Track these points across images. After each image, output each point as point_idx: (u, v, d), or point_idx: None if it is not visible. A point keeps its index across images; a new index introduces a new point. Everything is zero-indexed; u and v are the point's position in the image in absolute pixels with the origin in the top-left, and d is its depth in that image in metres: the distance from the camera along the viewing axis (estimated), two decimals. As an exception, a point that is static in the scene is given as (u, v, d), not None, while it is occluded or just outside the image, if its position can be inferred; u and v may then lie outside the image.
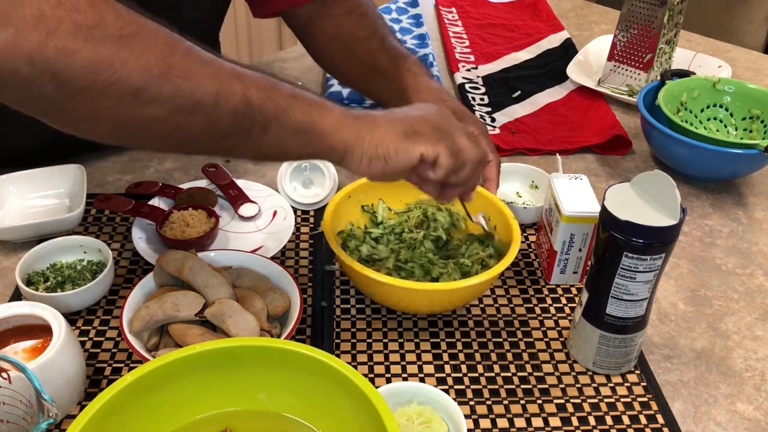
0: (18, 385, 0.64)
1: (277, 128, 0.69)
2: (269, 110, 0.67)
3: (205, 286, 0.79)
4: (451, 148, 0.74)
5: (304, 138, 0.70)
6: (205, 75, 0.64)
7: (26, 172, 1.00)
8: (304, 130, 0.70)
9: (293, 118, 0.69)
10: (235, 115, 0.66)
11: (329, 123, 0.71)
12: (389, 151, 0.72)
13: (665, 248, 0.74)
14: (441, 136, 0.74)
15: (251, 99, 0.66)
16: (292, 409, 0.69)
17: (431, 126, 0.74)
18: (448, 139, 0.74)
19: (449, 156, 0.74)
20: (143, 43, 0.61)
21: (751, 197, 1.14)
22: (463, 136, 0.76)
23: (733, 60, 1.51)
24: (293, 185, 1.06)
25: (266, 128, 0.68)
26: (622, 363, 0.82)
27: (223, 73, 0.65)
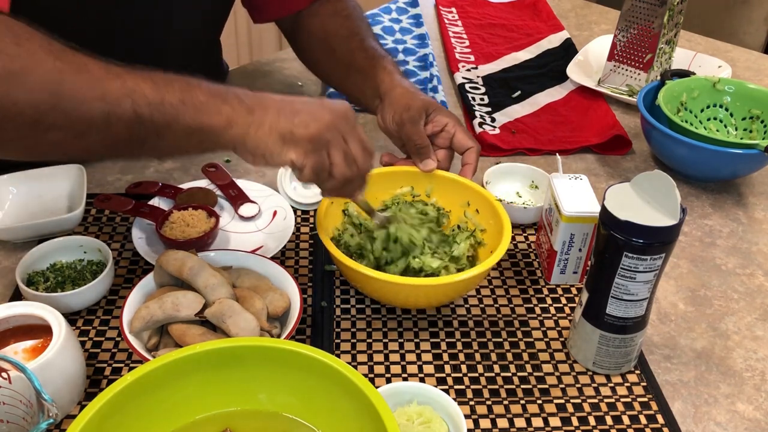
0: (18, 385, 0.64)
1: (170, 134, 0.72)
2: (159, 120, 0.71)
3: (205, 286, 0.79)
4: (318, 164, 0.78)
5: (197, 138, 0.74)
6: (94, 98, 0.68)
7: (26, 172, 1.00)
8: (196, 131, 0.73)
9: (183, 123, 0.72)
10: (128, 130, 0.70)
11: (218, 123, 0.74)
12: (266, 153, 0.76)
13: (665, 248, 0.74)
14: (314, 148, 0.77)
15: (141, 114, 0.70)
16: (292, 409, 0.69)
17: (311, 136, 0.76)
18: (320, 153, 0.77)
19: (312, 170, 0.78)
20: (30, 77, 0.65)
21: (751, 197, 1.14)
22: (339, 151, 0.79)
23: (733, 60, 1.51)
24: (293, 185, 1.06)
25: (160, 136, 0.72)
26: (622, 363, 0.82)
27: (111, 92, 0.69)
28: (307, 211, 1.05)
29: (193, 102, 0.73)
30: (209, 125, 0.73)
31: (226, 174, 1.07)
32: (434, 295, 0.85)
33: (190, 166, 1.13)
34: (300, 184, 1.06)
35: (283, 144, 0.75)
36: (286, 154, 0.76)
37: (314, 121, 0.77)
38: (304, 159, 0.76)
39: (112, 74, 0.70)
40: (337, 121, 0.79)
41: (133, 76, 0.71)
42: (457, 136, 1.01)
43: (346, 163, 0.80)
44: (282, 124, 0.75)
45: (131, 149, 0.74)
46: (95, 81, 0.68)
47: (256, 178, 1.10)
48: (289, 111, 0.76)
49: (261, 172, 1.12)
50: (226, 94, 0.75)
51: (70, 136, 0.69)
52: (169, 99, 0.71)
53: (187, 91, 0.73)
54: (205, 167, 1.08)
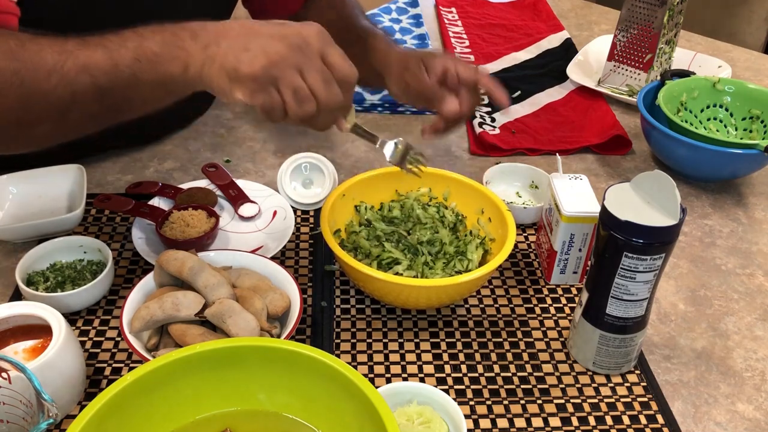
0: (18, 385, 0.64)
1: (135, 93, 0.74)
2: (120, 84, 0.73)
3: (205, 286, 0.79)
4: (268, 104, 0.74)
5: (163, 89, 0.75)
6: (55, 85, 0.71)
7: (26, 172, 1.00)
8: (159, 84, 0.74)
9: (144, 80, 0.73)
10: (98, 102, 0.73)
11: (176, 69, 0.74)
12: (218, 92, 0.75)
13: (665, 248, 0.74)
14: (260, 86, 0.72)
15: (101, 84, 0.72)
16: (292, 409, 0.69)
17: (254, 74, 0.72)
18: (267, 92, 0.73)
19: (262, 111, 0.75)
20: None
21: (751, 197, 1.14)
22: (288, 88, 0.73)
23: (733, 60, 1.51)
24: (293, 185, 1.06)
25: (128, 98, 0.74)
26: (622, 363, 0.82)
27: (69, 74, 0.71)
28: (307, 211, 1.05)
29: (147, 56, 0.73)
30: (167, 74, 0.73)
31: (226, 174, 1.07)
32: (436, 296, 0.85)
33: (190, 167, 1.13)
34: (300, 184, 1.06)
35: (230, 82, 0.73)
36: (234, 93, 0.73)
37: (262, 56, 0.72)
38: (252, 98, 0.73)
39: (65, 54, 0.72)
40: (290, 53, 0.73)
41: (86, 49, 0.72)
42: (460, 70, 0.97)
43: (296, 100, 0.73)
44: (229, 60, 0.72)
45: (110, 116, 0.77)
46: (51, 69, 0.71)
47: (256, 178, 1.10)
48: (240, 45, 0.73)
49: (261, 173, 1.12)
50: (182, 36, 0.74)
51: (53, 124, 0.73)
52: (123, 61, 0.72)
53: (139, 47, 0.73)
54: (205, 167, 1.08)
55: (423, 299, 0.86)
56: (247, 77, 0.72)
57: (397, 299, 0.86)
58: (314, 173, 1.06)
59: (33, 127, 0.72)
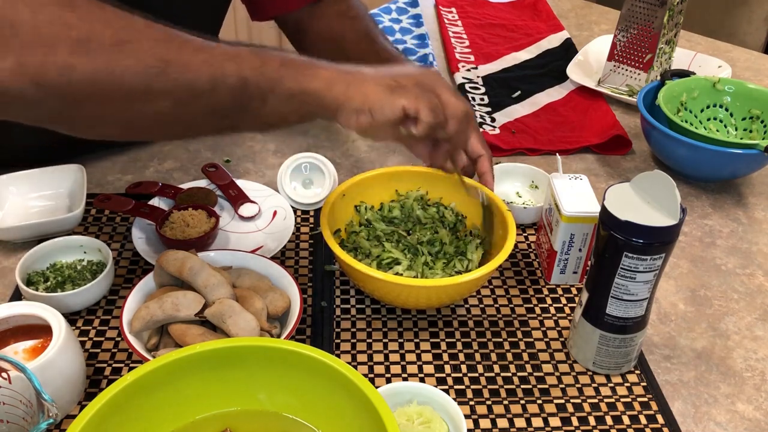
0: (18, 385, 0.64)
1: (273, 98, 0.73)
2: (264, 84, 0.71)
3: (205, 286, 0.79)
4: (432, 103, 0.77)
5: (299, 102, 0.74)
6: (199, 63, 0.68)
7: (26, 172, 1.00)
8: (298, 94, 0.73)
9: (286, 86, 0.73)
10: (233, 95, 0.70)
11: (319, 84, 0.74)
12: (374, 105, 0.75)
13: (665, 248, 0.74)
14: (423, 91, 0.77)
15: (246, 77, 0.70)
16: (292, 409, 0.69)
17: (414, 82, 0.77)
18: (430, 94, 0.78)
19: (430, 110, 0.77)
20: (138, 46, 0.65)
21: (751, 197, 1.14)
22: (447, 91, 0.80)
23: (733, 60, 1.51)
24: (293, 185, 1.06)
25: (264, 100, 0.72)
26: (622, 363, 0.82)
27: (216, 57, 0.69)
28: (307, 211, 1.05)
29: (293, 65, 0.74)
30: (311, 87, 0.74)
31: (226, 174, 1.07)
32: (436, 297, 0.85)
33: (190, 166, 1.13)
34: (300, 184, 1.06)
35: (391, 93, 0.75)
36: (397, 100, 0.75)
37: (412, 72, 0.79)
38: (417, 101, 0.76)
39: (210, 42, 0.70)
40: (428, 71, 0.82)
41: (231, 44, 0.72)
42: (472, 140, 0.97)
43: (456, 97, 0.80)
44: (383, 78, 0.76)
45: (233, 117, 0.74)
46: (198, 48, 0.69)
47: (256, 178, 1.10)
48: (383, 71, 0.78)
49: (261, 173, 1.12)
50: (320, 61, 0.76)
51: (174, 104, 0.69)
52: (270, 63, 0.72)
53: (283, 56, 0.74)
54: (205, 167, 1.08)
55: (423, 299, 0.86)
56: (410, 84, 0.77)
57: (397, 299, 0.86)
58: (314, 173, 1.06)
59: (156, 100, 0.67)
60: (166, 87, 0.67)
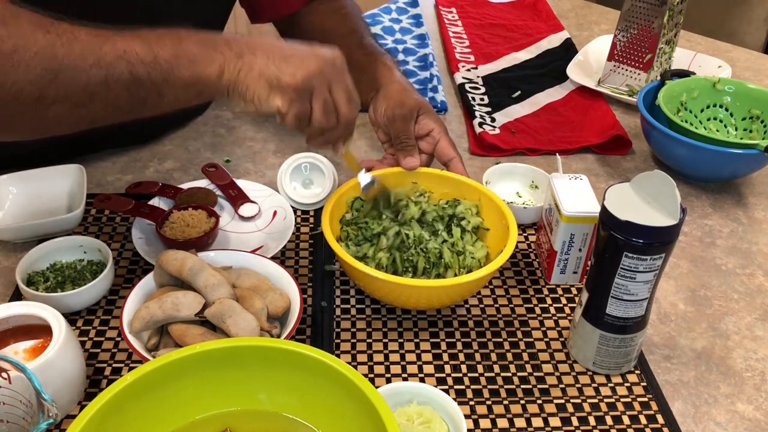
0: (18, 385, 0.64)
1: (169, 89, 0.74)
2: (157, 77, 0.73)
3: (205, 286, 0.79)
4: (301, 112, 0.79)
5: (195, 89, 0.76)
6: (90, 66, 0.69)
7: (26, 172, 1.00)
8: (193, 83, 0.75)
9: (180, 76, 0.74)
10: (128, 91, 0.72)
11: (212, 72, 0.75)
12: (254, 98, 0.78)
13: (665, 248, 0.74)
14: (299, 96, 0.78)
15: (138, 74, 0.71)
16: (292, 409, 0.69)
17: (296, 84, 0.78)
18: (303, 101, 0.79)
19: (294, 118, 0.80)
20: (25, 55, 0.66)
21: (751, 197, 1.14)
22: (320, 100, 0.80)
23: (733, 60, 1.51)
24: (293, 185, 1.06)
25: (160, 93, 0.74)
26: (622, 363, 0.82)
27: (105, 57, 0.70)
28: (307, 211, 1.05)
29: (186, 54, 0.74)
30: (204, 75, 0.75)
31: (226, 174, 1.07)
32: (437, 297, 0.85)
33: (190, 167, 1.13)
34: (300, 184, 1.06)
35: (270, 90, 0.77)
36: (273, 100, 0.78)
37: (302, 68, 0.78)
38: (289, 106, 0.78)
39: (102, 38, 0.71)
40: (324, 67, 0.80)
41: (123, 38, 0.72)
42: (441, 144, 1.01)
43: (324, 111, 0.81)
44: (270, 69, 0.77)
45: (133, 110, 0.75)
46: (88, 48, 0.69)
47: (256, 178, 1.10)
48: (278, 56, 0.78)
49: (261, 173, 1.12)
50: (216, 42, 0.77)
51: (72, 106, 0.70)
52: (162, 55, 0.73)
53: (178, 44, 0.74)
54: (205, 167, 1.08)
55: (424, 300, 0.86)
56: (290, 87, 0.77)
57: (397, 300, 0.86)
58: (314, 173, 1.06)
59: (51, 106, 0.69)
60: (59, 93, 0.68)
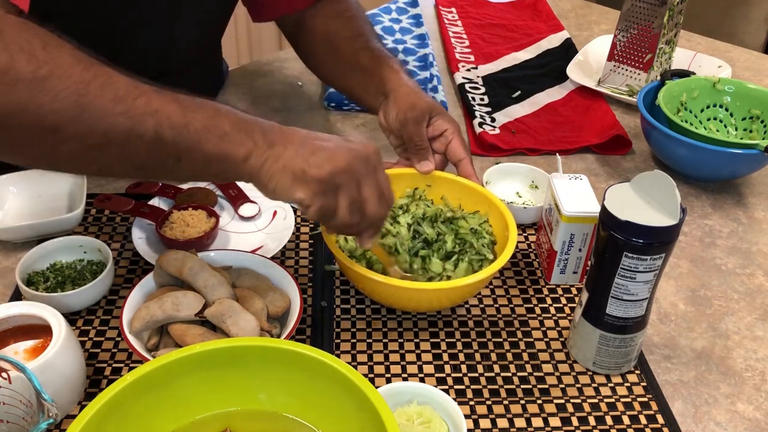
0: (18, 385, 0.64)
1: (189, 159, 0.71)
2: (181, 144, 0.69)
3: (205, 286, 0.79)
4: (325, 207, 0.76)
5: (216, 166, 0.73)
6: (117, 114, 0.66)
7: (26, 172, 1.00)
8: (216, 160, 0.72)
9: (205, 150, 0.71)
10: (148, 149, 0.69)
11: (238, 154, 0.72)
12: (276, 188, 0.74)
13: (665, 248, 0.74)
14: (324, 190, 0.74)
15: (163, 135, 0.68)
16: (292, 409, 0.69)
17: (321, 177, 0.74)
18: (328, 196, 0.75)
19: (317, 212, 0.76)
20: (57, 84, 0.64)
21: (751, 197, 1.14)
22: (347, 197, 0.76)
23: (733, 60, 1.51)
24: (293, 185, 1.05)
25: (179, 160, 0.71)
26: (622, 363, 0.82)
27: (136, 110, 0.67)
28: (307, 211, 1.05)
29: (217, 131, 0.71)
30: (229, 155, 0.72)
31: (226, 174, 1.07)
32: (436, 299, 0.85)
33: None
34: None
35: (293, 181, 0.74)
36: (295, 192, 0.74)
37: (330, 162, 0.74)
38: (312, 199, 0.74)
39: (138, 91, 0.68)
40: (355, 163, 0.76)
41: (160, 96, 0.69)
42: (453, 144, 1.00)
43: (351, 210, 0.77)
44: (297, 161, 0.73)
45: (147, 170, 0.73)
46: (121, 96, 0.67)
47: (256, 178, 1.10)
48: (309, 148, 0.74)
49: (261, 172, 1.12)
50: (251, 126, 0.74)
51: (87, 148, 0.68)
52: (194, 124, 0.70)
53: (213, 118, 0.71)
54: (205, 167, 1.08)
55: (424, 302, 0.86)
56: (315, 179, 0.74)
57: (397, 302, 0.86)
58: (314, 173, 1.06)
59: (66, 142, 0.66)
60: (78, 132, 0.66)
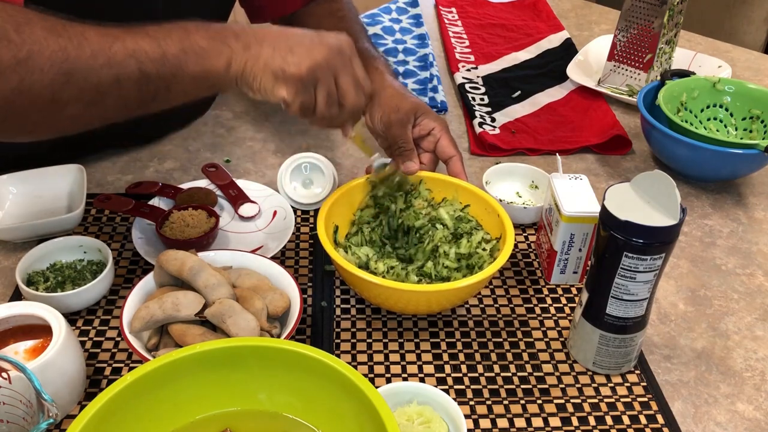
0: (18, 385, 0.64)
1: (178, 84, 0.76)
2: (165, 74, 0.74)
3: (205, 286, 0.79)
4: (305, 103, 0.80)
5: (204, 82, 0.77)
6: (101, 66, 0.71)
7: (26, 172, 1.00)
8: (201, 77, 0.76)
9: (188, 71, 0.75)
10: (138, 88, 0.74)
11: (220, 65, 0.77)
12: (261, 88, 0.79)
13: (665, 248, 0.74)
14: (304, 87, 0.79)
15: (147, 71, 0.73)
16: (292, 409, 0.69)
17: (301, 75, 0.78)
18: (308, 92, 0.80)
19: (298, 108, 0.80)
20: (39, 60, 0.68)
21: (751, 197, 1.14)
22: (324, 90, 0.80)
23: (733, 60, 1.51)
24: (293, 185, 1.06)
25: (169, 88, 0.75)
26: (622, 363, 0.82)
27: (116, 57, 0.72)
28: (307, 211, 1.05)
29: (194, 49, 0.75)
30: (213, 69, 0.76)
31: (226, 174, 1.07)
32: (436, 301, 0.85)
33: (190, 167, 1.13)
34: (300, 184, 1.06)
35: (275, 81, 0.78)
36: (278, 91, 0.78)
37: (306, 59, 0.78)
38: (294, 97, 0.79)
39: (111, 38, 0.72)
40: (330, 57, 0.80)
41: (132, 36, 0.73)
42: (442, 142, 1.00)
43: (327, 102, 0.81)
44: (276, 61, 0.78)
45: (142, 105, 0.77)
46: (98, 49, 0.71)
47: (256, 178, 1.10)
48: (284, 47, 0.78)
49: (261, 173, 1.12)
50: (225, 34, 0.78)
51: (85, 106, 0.72)
52: (170, 51, 0.74)
53: (185, 39, 0.75)
54: (205, 167, 1.08)
55: (423, 305, 0.86)
56: (294, 77, 0.78)
57: (396, 305, 0.86)
58: (314, 173, 1.06)
59: (65, 107, 0.71)
60: (72, 94, 0.70)
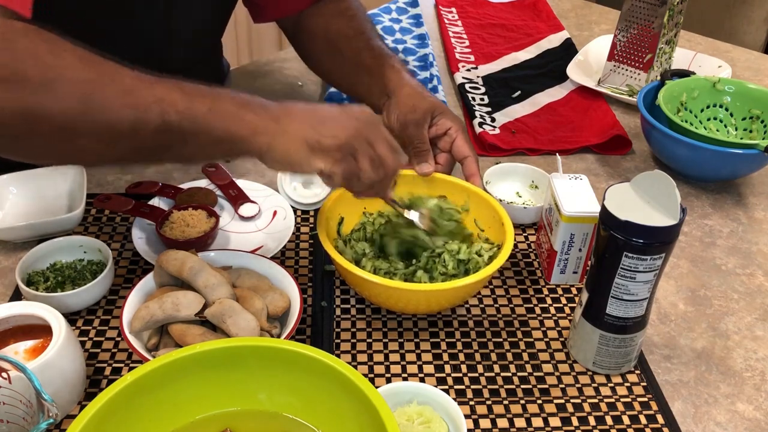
0: (18, 385, 0.64)
1: (197, 142, 0.73)
2: (187, 128, 0.72)
3: (205, 286, 0.79)
4: (348, 171, 0.79)
5: (224, 146, 0.75)
6: (122, 106, 0.69)
7: (26, 172, 1.00)
8: (223, 140, 0.74)
9: (211, 131, 0.73)
10: (156, 137, 0.71)
11: (245, 132, 0.74)
12: (293, 161, 0.77)
13: (665, 248, 0.74)
14: (343, 156, 0.78)
15: (170, 121, 0.71)
16: (292, 409, 0.69)
17: (339, 144, 0.77)
18: (348, 161, 0.79)
19: (342, 177, 0.79)
20: (63, 86, 0.67)
21: (751, 197, 1.14)
22: (366, 157, 0.79)
23: (733, 60, 1.51)
24: (293, 185, 1.06)
25: (186, 143, 0.73)
26: (622, 363, 0.82)
27: (141, 100, 0.70)
28: (307, 211, 1.05)
29: (221, 111, 0.73)
30: (236, 134, 0.74)
31: (226, 174, 1.07)
32: (435, 301, 0.85)
33: (190, 166, 1.13)
34: (300, 184, 1.06)
35: (311, 153, 0.76)
36: (315, 163, 0.77)
37: (341, 130, 0.78)
38: (333, 167, 0.78)
39: (142, 83, 0.71)
40: (362, 127, 0.80)
41: (163, 85, 0.72)
42: (457, 142, 1.01)
43: (373, 167, 0.81)
44: (308, 132, 0.76)
45: (157, 155, 0.76)
46: (126, 90, 0.69)
47: (256, 178, 1.10)
48: (315, 119, 0.77)
49: (261, 173, 1.12)
50: (253, 103, 0.76)
51: (97, 142, 0.70)
52: (198, 107, 0.72)
53: (215, 100, 0.74)
54: (205, 167, 1.08)
55: (423, 304, 0.86)
56: (332, 148, 0.77)
57: (396, 304, 0.86)
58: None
59: (78, 139, 0.69)
60: (85, 128, 0.68)
